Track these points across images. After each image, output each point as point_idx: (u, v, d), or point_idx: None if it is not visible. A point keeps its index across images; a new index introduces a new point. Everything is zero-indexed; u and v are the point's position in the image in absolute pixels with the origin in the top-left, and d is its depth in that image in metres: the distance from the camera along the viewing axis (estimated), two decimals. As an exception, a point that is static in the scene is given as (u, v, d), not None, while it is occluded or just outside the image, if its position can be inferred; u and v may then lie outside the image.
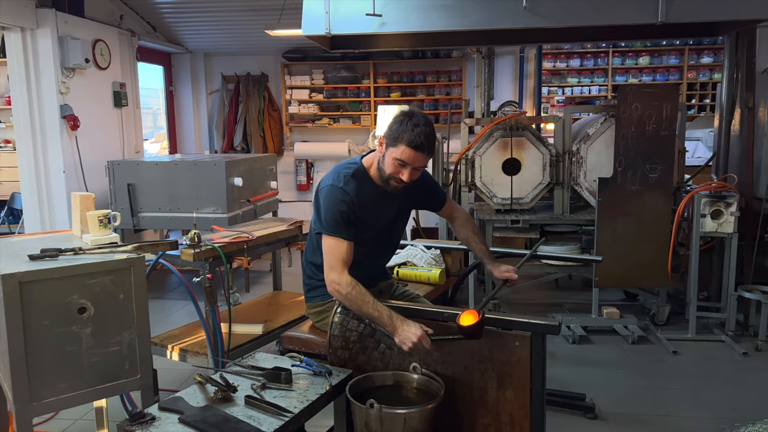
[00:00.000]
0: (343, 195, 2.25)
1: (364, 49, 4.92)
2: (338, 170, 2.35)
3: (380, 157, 2.29)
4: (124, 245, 2.16)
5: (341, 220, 2.24)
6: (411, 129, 2.17)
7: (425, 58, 7.59)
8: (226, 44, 7.85)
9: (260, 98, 8.03)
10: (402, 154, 2.19)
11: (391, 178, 2.26)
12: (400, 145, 2.18)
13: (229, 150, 8.11)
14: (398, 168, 2.23)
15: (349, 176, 2.30)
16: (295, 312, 3.74)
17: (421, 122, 2.19)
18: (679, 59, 7.12)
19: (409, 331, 2.13)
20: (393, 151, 2.21)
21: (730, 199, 4.14)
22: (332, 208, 2.24)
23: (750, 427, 3.00)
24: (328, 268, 2.24)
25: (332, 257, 2.24)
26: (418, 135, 2.16)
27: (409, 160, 2.19)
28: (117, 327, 2.10)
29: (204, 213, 5.14)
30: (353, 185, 2.28)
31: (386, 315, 2.17)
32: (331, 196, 2.26)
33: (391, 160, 2.23)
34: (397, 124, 2.21)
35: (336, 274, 2.22)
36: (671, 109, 4.13)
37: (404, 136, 2.17)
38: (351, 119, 7.91)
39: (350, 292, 2.20)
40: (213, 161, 5.20)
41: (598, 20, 3.78)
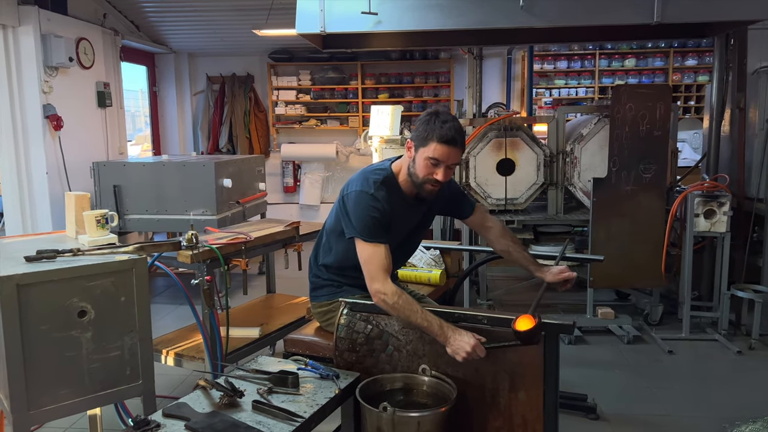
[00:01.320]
0: (374, 201, 2.16)
1: (357, 48, 4.87)
2: (366, 175, 2.25)
3: (410, 163, 2.20)
4: (125, 246, 2.08)
5: (376, 225, 2.15)
6: (440, 126, 2.11)
7: (413, 60, 7.57)
8: (211, 44, 7.74)
9: (246, 99, 7.93)
10: (434, 152, 2.11)
11: (426, 181, 2.18)
12: (431, 143, 2.11)
13: (214, 151, 8.00)
14: (431, 168, 2.14)
15: (379, 183, 2.21)
16: (290, 315, 3.68)
17: (449, 118, 2.15)
18: (665, 61, 7.20)
19: (462, 340, 2.04)
20: (424, 151, 2.13)
21: (722, 198, 4.17)
22: (365, 214, 2.15)
23: (751, 425, 3.02)
24: (370, 278, 2.14)
25: (372, 266, 2.14)
26: (449, 130, 2.10)
27: (443, 157, 2.12)
28: (118, 331, 2.02)
29: (193, 215, 5.04)
30: (383, 192, 2.20)
31: (437, 324, 2.07)
32: (362, 202, 2.16)
33: (423, 161, 2.14)
34: (425, 123, 2.15)
35: (379, 284, 2.12)
36: (664, 109, 4.15)
37: (434, 133, 2.10)
38: (339, 120, 7.85)
39: (397, 301, 2.10)
40: (202, 162, 5.11)
41: (594, 20, 3.79)
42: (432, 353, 2.25)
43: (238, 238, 3.05)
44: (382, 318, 2.31)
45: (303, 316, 3.63)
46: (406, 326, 2.19)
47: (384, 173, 2.25)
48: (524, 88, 7.45)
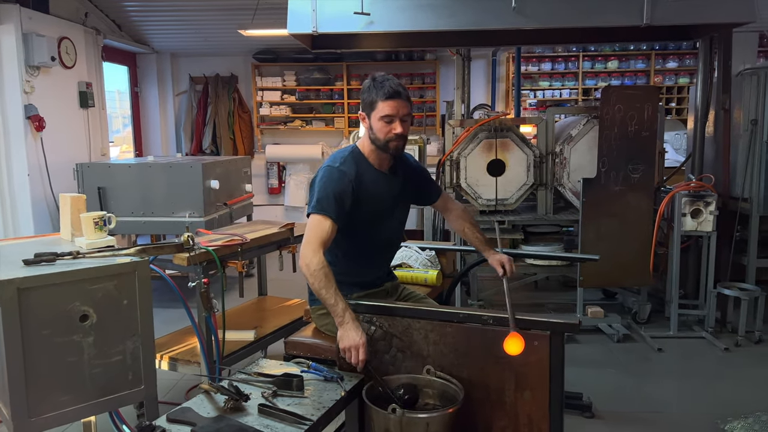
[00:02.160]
0: (341, 174, 2.24)
1: (347, 49, 4.86)
2: (334, 155, 2.36)
3: (369, 132, 2.30)
4: (126, 248, 2.03)
5: (333, 199, 2.21)
6: (380, 86, 2.22)
7: (399, 61, 7.57)
8: (195, 44, 7.66)
9: (230, 100, 7.86)
10: (384, 109, 2.20)
11: (388, 140, 2.26)
12: (379, 103, 2.21)
13: (197, 153, 7.90)
14: (388, 126, 2.23)
15: (346, 156, 2.30)
16: (284, 317, 3.65)
17: (386, 77, 2.25)
18: (647, 63, 7.31)
19: (352, 332, 2.13)
20: (375, 113, 2.23)
21: (709, 198, 4.24)
22: (326, 187, 2.23)
23: (743, 421, 3.07)
24: (305, 243, 2.20)
25: (312, 233, 2.19)
26: (389, 86, 2.21)
27: (393, 110, 2.21)
28: (120, 335, 1.98)
29: (179, 217, 4.98)
30: (351, 165, 2.28)
31: (341, 307, 2.14)
32: (327, 176, 2.25)
33: (378, 123, 2.24)
34: (366, 91, 2.27)
35: (310, 251, 2.16)
36: (652, 110, 4.20)
37: (378, 94, 2.21)
38: (324, 121, 7.81)
39: (318, 271, 2.14)
40: (189, 163, 5.04)
41: (585, 22, 3.83)
42: (436, 354, 2.24)
43: (233, 239, 3.01)
44: (386, 319, 2.30)
45: (298, 318, 3.59)
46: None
47: (350, 149, 2.36)
48: (509, 89, 7.52)
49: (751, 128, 4.32)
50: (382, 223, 2.40)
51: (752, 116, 4.31)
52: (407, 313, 2.28)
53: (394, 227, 2.50)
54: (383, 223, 2.41)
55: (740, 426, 3.06)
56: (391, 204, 2.42)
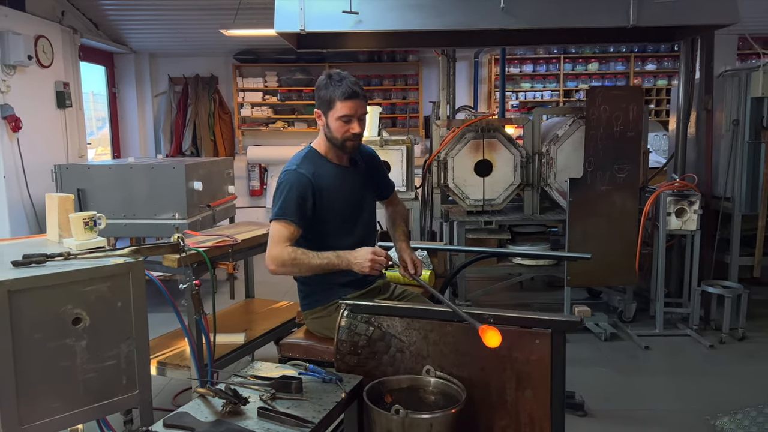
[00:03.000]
0: (298, 176, 2.22)
1: (333, 48, 4.81)
2: (292, 158, 2.35)
3: (325, 129, 2.28)
4: (119, 248, 1.97)
5: (294, 203, 2.20)
6: (338, 85, 2.19)
7: (381, 62, 7.56)
8: (174, 45, 7.55)
9: (210, 101, 7.76)
10: (342, 110, 2.18)
11: (345, 139, 2.24)
12: (337, 103, 2.19)
13: (177, 154, 7.79)
14: (346, 125, 2.22)
15: (303, 158, 2.29)
16: (273, 320, 3.59)
17: (343, 75, 2.23)
18: (626, 66, 7.41)
19: (360, 256, 2.18)
20: (333, 113, 2.21)
21: (692, 197, 4.30)
22: (287, 191, 2.21)
23: (733, 417, 3.10)
24: (269, 248, 2.19)
25: (275, 238, 2.18)
26: (347, 86, 2.18)
27: (351, 110, 2.19)
28: (114, 338, 1.92)
29: (162, 219, 4.89)
30: (308, 165, 2.26)
31: (334, 256, 2.19)
32: (285, 180, 2.23)
33: (335, 123, 2.22)
34: (323, 89, 2.23)
35: (276, 251, 2.17)
36: (637, 110, 4.25)
37: (335, 94, 2.18)
38: (306, 122, 7.76)
39: (297, 256, 2.16)
40: (171, 165, 4.95)
41: (572, 22, 3.85)
42: (436, 354, 2.22)
43: (224, 240, 2.95)
44: (384, 319, 2.27)
45: (287, 321, 3.55)
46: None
47: (306, 150, 2.36)
48: (491, 91, 7.55)
49: (732, 128, 4.39)
50: (352, 217, 2.38)
51: (734, 117, 4.38)
52: (406, 313, 2.25)
53: (366, 220, 2.46)
54: (354, 216, 2.38)
55: (730, 422, 3.10)
56: (357, 196, 2.40)
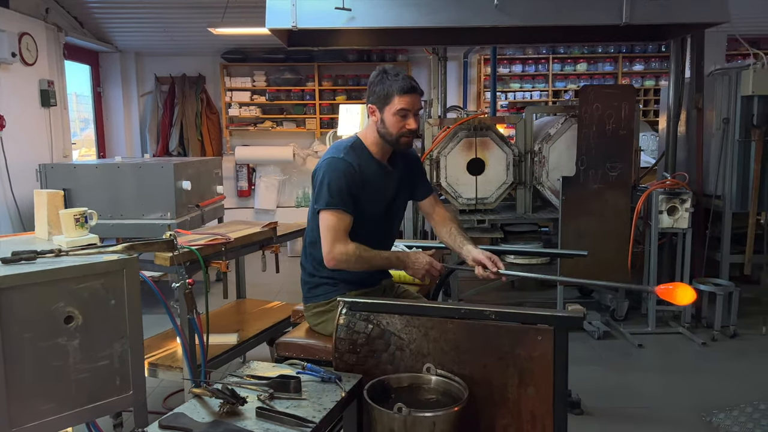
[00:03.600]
0: (346, 165, 2.18)
1: (324, 46, 4.77)
2: (335, 145, 2.31)
3: (378, 125, 2.24)
4: (113, 245, 1.91)
5: (345, 192, 2.17)
6: (394, 80, 2.17)
7: (370, 61, 7.52)
8: (160, 43, 7.45)
9: (197, 100, 7.67)
10: (400, 103, 2.16)
11: (400, 135, 2.21)
12: (394, 98, 2.16)
13: (164, 154, 7.68)
14: (402, 121, 2.19)
15: (348, 147, 2.25)
16: (266, 320, 3.54)
17: (398, 71, 2.23)
18: (614, 66, 7.45)
19: (417, 261, 2.22)
20: (390, 108, 2.18)
21: (684, 195, 4.31)
22: (335, 179, 2.17)
23: (728, 414, 3.11)
24: (332, 242, 2.15)
25: (335, 232, 2.15)
26: (404, 80, 2.18)
27: (409, 105, 2.17)
28: (108, 337, 1.86)
29: (150, 219, 4.82)
30: (353, 156, 2.23)
31: (394, 258, 2.24)
32: (332, 167, 2.19)
33: (391, 118, 2.19)
34: (379, 83, 2.20)
35: (342, 245, 2.16)
36: (629, 109, 4.26)
37: (393, 88, 2.16)
38: (295, 122, 7.70)
39: (361, 254, 2.16)
40: (160, 164, 4.88)
41: (566, 20, 3.85)
42: (437, 351, 2.19)
43: (216, 239, 2.90)
44: (384, 317, 2.23)
45: (280, 321, 3.50)
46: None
47: (352, 140, 2.30)
48: (481, 91, 7.55)
49: (723, 127, 4.41)
50: (381, 217, 2.34)
51: (724, 115, 4.41)
52: (406, 310, 2.21)
53: (393, 221, 2.44)
54: (383, 216, 2.35)
55: (726, 418, 3.10)
56: (391, 196, 2.36)
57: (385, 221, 2.38)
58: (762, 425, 3.00)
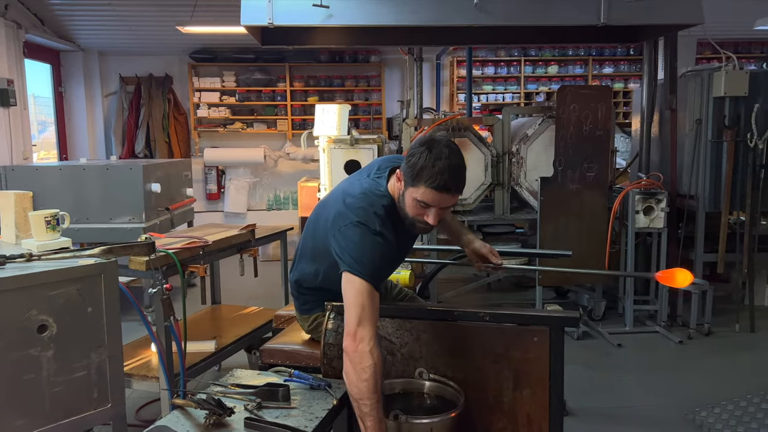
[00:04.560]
0: (386, 243, 1.85)
1: (299, 44, 4.68)
2: (371, 204, 1.89)
3: (399, 194, 1.90)
4: (89, 248, 1.80)
5: (378, 268, 1.84)
6: (431, 165, 1.76)
7: (343, 62, 7.44)
8: (125, 42, 7.22)
9: (164, 101, 7.47)
10: (423, 196, 1.80)
11: (415, 221, 1.88)
12: (420, 186, 1.79)
13: (130, 157, 7.45)
14: (421, 210, 1.84)
15: (384, 217, 1.87)
16: (243, 326, 3.43)
17: (444, 154, 1.78)
18: (584, 69, 7.54)
19: None
20: (412, 191, 1.82)
21: (660, 195, 4.36)
22: (374, 255, 1.82)
23: (711, 411, 3.12)
24: (362, 321, 1.75)
25: (370, 313, 1.77)
26: (441, 172, 1.76)
27: (433, 202, 1.81)
28: (84, 347, 1.74)
29: (118, 223, 4.64)
30: (389, 226, 1.88)
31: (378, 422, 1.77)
32: (373, 243, 1.83)
33: (411, 201, 1.84)
34: (417, 156, 1.80)
35: (370, 336, 1.75)
36: (606, 109, 4.29)
37: (424, 174, 1.77)
38: (266, 124, 7.56)
39: (376, 368, 1.75)
40: (128, 165, 4.71)
41: (545, 20, 3.85)
42: (429, 355, 2.12)
43: (194, 242, 2.78)
44: (374, 320, 2.16)
45: (259, 327, 3.40)
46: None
47: (386, 201, 1.92)
48: (453, 92, 7.55)
49: (696, 128, 4.48)
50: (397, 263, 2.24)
51: (696, 116, 4.47)
52: (398, 313, 2.14)
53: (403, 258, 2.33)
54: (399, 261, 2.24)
55: (709, 416, 3.12)
56: (411, 242, 2.21)
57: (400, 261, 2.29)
58: (744, 422, 3.03)
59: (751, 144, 4.30)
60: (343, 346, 1.79)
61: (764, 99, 4.29)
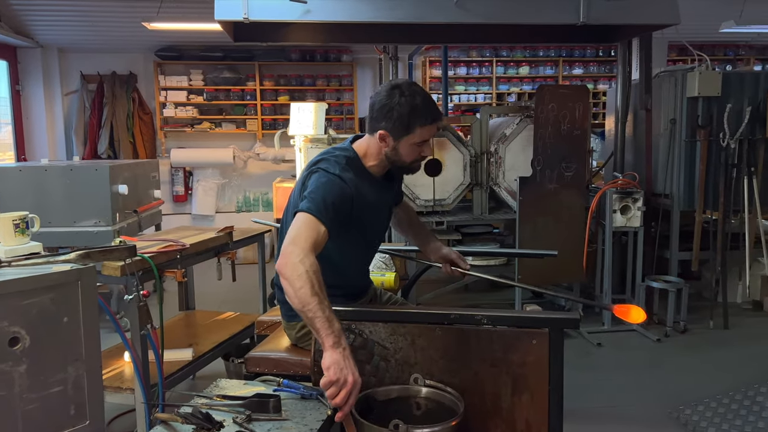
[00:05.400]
0: (341, 184, 1.88)
1: (273, 41, 4.56)
2: (330, 155, 1.98)
3: (388, 150, 1.96)
4: (64, 253, 1.66)
5: (331, 207, 1.85)
6: (415, 106, 1.88)
7: (314, 62, 7.33)
8: (87, 39, 6.97)
9: (129, 100, 7.22)
10: (421, 135, 1.93)
11: (414, 161, 2.01)
12: (416, 129, 1.91)
13: (92, 158, 7.18)
14: (419, 149, 1.97)
15: (344, 165, 1.94)
16: (220, 333, 3.29)
17: (416, 91, 1.91)
18: (555, 70, 7.59)
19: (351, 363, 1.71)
20: (409, 138, 1.93)
21: (636, 194, 4.38)
22: (326, 192, 1.85)
23: (694, 409, 3.13)
24: (293, 241, 1.74)
25: (304, 233, 1.76)
26: (427, 107, 1.91)
27: (431, 135, 1.97)
28: (60, 361, 1.61)
29: (82, 226, 4.43)
30: (351, 175, 1.93)
31: (338, 327, 1.72)
32: (326, 181, 1.88)
33: (409, 148, 1.95)
34: (396, 108, 1.88)
35: (301, 249, 1.71)
36: (583, 109, 4.29)
37: (415, 118, 1.89)
38: (235, 123, 7.39)
39: (312, 273, 1.68)
40: (94, 166, 4.50)
41: (525, 19, 3.84)
42: (425, 360, 2.05)
43: (171, 245, 2.64)
44: (366, 325, 2.07)
45: (237, 333, 3.27)
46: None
47: (347, 153, 1.99)
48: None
49: (670, 127, 4.52)
50: (373, 230, 2.15)
51: (671, 116, 4.52)
52: (392, 317, 2.06)
53: (381, 231, 2.26)
54: (374, 229, 2.16)
55: (694, 414, 3.13)
56: (384, 210, 2.18)
57: (375, 234, 2.20)
58: (728, 419, 3.05)
59: (723, 144, 4.36)
60: (276, 267, 1.76)
61: (736, 99, 4.36)
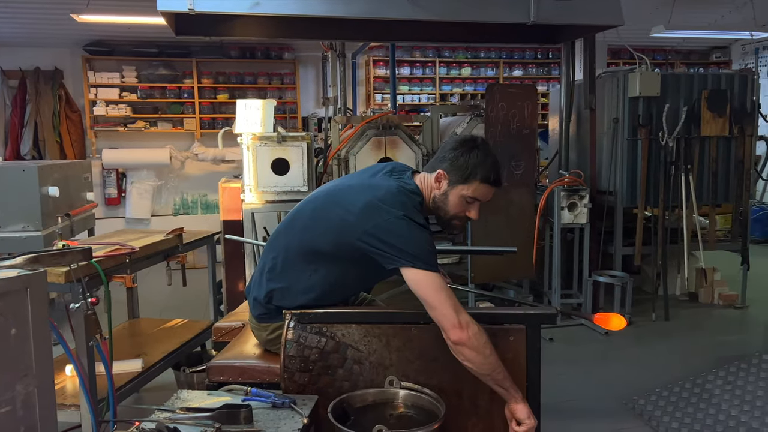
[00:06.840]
0: (427, 232, 1.85)
1: (219, 36, 4.38)
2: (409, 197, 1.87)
3: (437, 194, 1.91)
4: (9, 257, 1.49)
5: (433, 255, 1.84)
6: (483, 162, 1.86)
7: (254, 59, 7.13)
8: (7, 32, 6.50)
9: (55, 97, 6.79)
10: (476, 192, 1.87)
11: (455, 218, 1.94)
12: (474, 182, 1.86)
13: (15, 158, 6.70)
14: (466, 206, 1.91)
15: (420, 209, 1.88)
16: (169, 342, 3.12)
17: (490, 152, 1.91)
18: (495, 71, 7.71)
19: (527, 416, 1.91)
20: (463, 188, 1.87)
21: (582, 192, 4.49)
22: (426, 243, 1.81)
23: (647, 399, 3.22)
24: (455, 308, 1.77)
25: (452, 300, 1.80)
26: (494, 168, 1.88)
27: (484, 196, 1.90)
28: (8, 377, 1.43)
29: (9, 231, 4.11)
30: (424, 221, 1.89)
31: (510, 384, 1.89)
32: (421, 233, 1.82)
33: (458, 199, 1.89)
34: (465, 156, 1.87)
35: (466, 315, 1.78)
36: (532, 108, 4.36)
37: (478, 171, 1.86)
38: (171, 122, 7.08)
39: (488, 339, 1.81)
40: (20, 167, 4.19)
41: (477, 17, 3.84)
42: (400, 362, 1.98)
43: (118, 249, 2.45)
44: (339, 328, 1.99)
45: (189, 341, 3.10)
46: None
47: (420, 199, 1.91)
48: (370, 92, 7.45)
49: (613, 126, 4.66)
50: None
51: (614, 115, 4.65)
52: (365, 318, 1.98)
53: None
54: None
55: (647, 404, 3.21)
56: None
57: None
58: (680, 407, 3.14)
59: (662, 142, 4.53)
60: (453, 339, 1.78)
61: (673, 99, 4.54)
